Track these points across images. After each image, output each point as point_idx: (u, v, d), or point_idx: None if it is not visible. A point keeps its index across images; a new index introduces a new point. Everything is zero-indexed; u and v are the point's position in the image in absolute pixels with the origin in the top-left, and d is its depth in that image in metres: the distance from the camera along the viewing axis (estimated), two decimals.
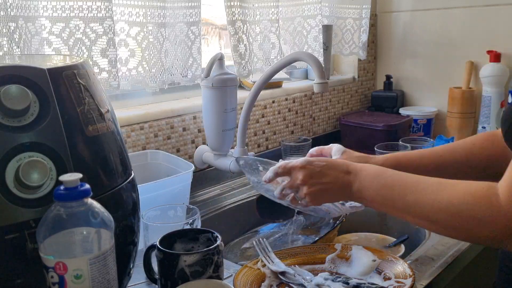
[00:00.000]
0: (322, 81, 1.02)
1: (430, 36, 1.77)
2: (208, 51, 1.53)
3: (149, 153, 1.15)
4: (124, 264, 0.72)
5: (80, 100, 0.65)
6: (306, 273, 0.85)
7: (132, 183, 0.74)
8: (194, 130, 1.29)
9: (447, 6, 1.71)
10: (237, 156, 0.98)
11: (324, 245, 0.93)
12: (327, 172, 0.81)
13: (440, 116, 1.76)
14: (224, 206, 1.23)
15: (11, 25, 0.87)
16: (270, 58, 1.39)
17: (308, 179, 0.81)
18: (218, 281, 0.73)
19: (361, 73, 1.88)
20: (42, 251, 0.55)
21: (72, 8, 0.96)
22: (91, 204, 0.57)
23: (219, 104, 1.19)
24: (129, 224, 0.72)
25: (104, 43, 1.00)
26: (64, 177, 0.55)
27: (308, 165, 0.82)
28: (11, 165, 0.57)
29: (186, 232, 0.81)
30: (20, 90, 0.58)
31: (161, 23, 1.12)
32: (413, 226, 1.10)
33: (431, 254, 0.93)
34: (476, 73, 1.67)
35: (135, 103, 1.26)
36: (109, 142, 0.69)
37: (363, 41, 1.76)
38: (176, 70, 1.18)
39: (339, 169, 0.81)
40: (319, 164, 0.82)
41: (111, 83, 1.03)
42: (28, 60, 0.76)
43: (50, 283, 0.56)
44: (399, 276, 0.80)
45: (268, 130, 1.51)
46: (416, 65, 1.83)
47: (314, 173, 0.81)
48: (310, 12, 1.53)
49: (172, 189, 1.01)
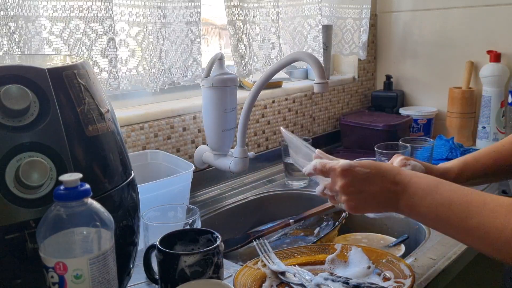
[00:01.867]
0: (322, 81, 1.02)
1: (430, 36, 1.77)
2: (208, 51, 1.53)
3: (149, 153, 1.15)
4: (124, 264, 0.72)
5: (80, 100, 0.65)
6: (306, 273, 0.85)
7: (132, 183, 0.74)
8: (194, 130, 1.29)
9: (447, 6, 1.71)
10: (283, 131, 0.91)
11: (324, 245, 0.93)
12: (371, 181, 0.71)
13: (440, 116, 1.76)
14: (224, 206, 1.23)
15: (11, 25, 0.87)
16: (270, 58, 1.40)
17: (347, 187, 0.72)
18: (218, 281, 0.73)
19: (361, 73, 1.88)
20: (42, 251, 0.55)
21: (72, 8, 0.96)
22: (91, 204, 0.57)
23: (219, 104, 1.19)
24: (129, 224, 0.72)
25: (104, 43, 1.01)
26: (64, 177, 0.55)
27: (349, 171, 0.72)
28: (11, 165, 0.57)
29: (186, 232, 0.81)
30: (20, 90, 0.58)
31: (161, 23, 1.12)
32: (414, 226, 1.10)
33: (431, 254, 0.93)
34: (476, 73, 1.67)
35: (135, 103, 1.26)
36: (109, 142, 0.69)
37: (363, 41, 1.76)
38: (176, 70, 1.18)
39: (385, 178, 0.71)
40: (361, 171, 0.71)
41: (111, 83, 1.03)
42: (28, 60, 0.76)
43: (50, 283, 0.56)
44: (398, 276, 0.80)
45: (268, 130, 1.51)
46: (416, 65, 1.83)
47: (356, 181, 0.71)
48: (310, 12, 1.53)
49: (172, 189, 1.01)
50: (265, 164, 1.48)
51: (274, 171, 1.46)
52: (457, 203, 0.65)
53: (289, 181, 1.34)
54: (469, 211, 0.64)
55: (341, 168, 0.72)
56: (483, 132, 1.63)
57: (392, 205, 0.71)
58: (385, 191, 0.71)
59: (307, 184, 1.33)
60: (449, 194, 0.67)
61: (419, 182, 0.70)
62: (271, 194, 1.31)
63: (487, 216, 0.62)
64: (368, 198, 0.72)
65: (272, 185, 1.36)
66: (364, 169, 0.72)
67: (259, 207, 1.28)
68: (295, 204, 1.30)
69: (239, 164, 1.20)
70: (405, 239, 1.04)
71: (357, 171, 0.71)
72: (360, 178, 0.71)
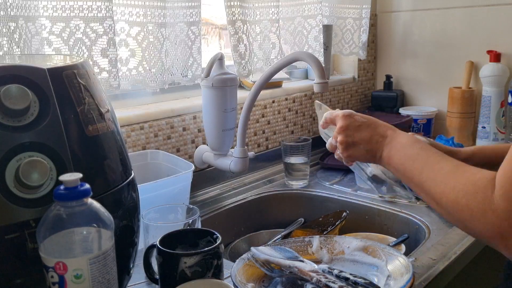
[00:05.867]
0: (322, 81, 1.02)
1: (430, 36, 1.77)
2: (208, 51, 1.53)
3: (149, 153, 1.15)
4: (124, 264, 0.72)
5: (80, 100, 0.65)
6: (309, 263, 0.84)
7: (132, 183, 0.74)
8: (194, 130, 1.29)
9: (447, 6, 1.71)
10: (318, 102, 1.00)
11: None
12: (364, 128, 0.82)
13: (440, 116, 1.76)
14: (224, 206, 1.23)
15: (11, 25, 0.87)
16: (270, 58, 1.40)
17: (344, 129, 0.83)
18: (218, 281, 0.73)
19: (361, 73, 1.88)
20: (42, 251, 0.55)
21: (72, 8, 0.96)
22: (91, 204, 0.57)
23: (219, 104, 1.19)
24: (129, 224, 0.72)
25: (104, 43, 1.01)
26: (64, 177, 0.55)
27: (349, 116, 0.83)
28: (11, 165, 0.57)
29: (186, 232, 0.81)
30: (20, 90, 0.58)
31: (161, 23, 1.12)
32: (414, 226, 1.10)
33: (431, 254, 0.93)
34: (476, 73, 1.67)
35: (135, 103, 1.26)
36: (109, 142, 0.69)
37: (363, 41, 1.76)
38: (176, 70, 1.18)
39: (377, 130, 0.81)
40: (359, 119, 0.83)
41: (111, 83, 1.03)
42: (28, 60, 0.76)
43: (50, 283, 0.56)
44: (397, 275, 0.80)
45: (268, 130, 1.51)
46: (416, 65, 1.83)
47: (352, 126, 0.83)
48: (310, 12, 1.53)
49: (172, 189, 1.01)
50: (265, 164, 1.48)
51: (274, 171, 1.46)
52: (421, 158, 0.73)
53: (289, 181, 1.34)
54: (426, 165, 0.71)
55: (343, 113, 0.84)
56: (483, 132, 1.63)
57: (375, 154, 0.81)
58: (373, 140, 0.81)
59: (307, 184, 1.33)
60: (418, 151, 0.74)
61: (401, 137, 0.79)
62: (271, 194, 1.31)
63: (435, 171, 0.69)
64: (358, 143, 0.82)
65: (272, 185, 1.36)
66: (362, 118, 0.83)
67: (259, 207, 1.28)
68: (295, 204, 1.30)
69: (239, 164, 1.20)
70: (405, 239, 1.04)
71: (355, 118, 0.83)
72: (356, 125, 0.83)
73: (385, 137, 0.80)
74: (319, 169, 1.48)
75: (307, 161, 1.32)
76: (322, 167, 1.48)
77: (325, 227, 1.10)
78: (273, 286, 0.84)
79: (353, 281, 0.75)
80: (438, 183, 0.67)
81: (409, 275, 0.77)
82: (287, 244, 0.93)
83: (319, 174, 1.42)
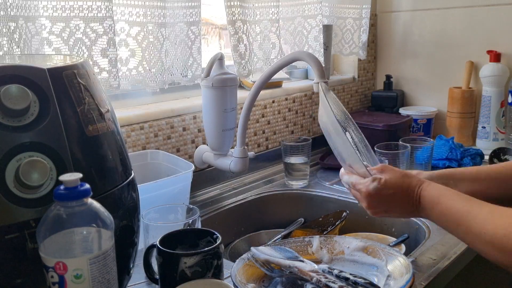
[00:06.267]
0: (322, 80, 1.02)
1: (430, 36, 1.77)
2: (208, 51, 1.53)
3: (149, 153, 1.15)
4: (124, 264, 0.72)
5: (80, 100, 0.65)
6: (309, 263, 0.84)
7: (132, 183, 0.74)
8: (194, 130, 1.29)
9: (447, 6, 1.71)
10: None
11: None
12: (395, 200, 0.81)
13: (440, 116, 1.76)
14: (224, 206, 1.23)
15: (11, 25, 0.87)
16: (270, 58, 1.39)
17: (373, 206, 0.83)
18: (218, 281, 0.73)
19: (361, 73, 1.88)
20: (42, 251, 0.55)
21: (72, 8, 0.96)
22: (91, 204, 0.57)
23: (219, 104, 1.19)
24: (129, 224, 0.72)
25: (104, 43, 1.00)
26: (64, 177, 0.55)
27: (375, 195, 0.81)
28: (11, 165, 0.57)
29: (186, 232, 0.81)
30: (20, 90, 0.58)
31: (161, 23, 1.12)
32: (414, 226, 1.10)
33: (431, 254, 0.93)
34: (476, 73, 1.67)
35: (135, 103, 1.26)
36: (109, 142, 0.69)
37: (363, 41, 1.76)
38: (176, 70, 1.18)
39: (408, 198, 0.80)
40: (387, 192, 0.80)
41: (111, 83, 1.03)
42: (28, 60, 0.76)
43: (50, 283, 0.56)
44: (397, 275, 0.80)
45: (268, 130, 1.51)
46: (416, 65, 1.83)
47: (381, 202, 0.82)
48: (310, 12, 1.53)
49: (172, 189, 1.01)
50: (265, 164, 1.48)
51: (274, 171, 1.46)
52: (451, 213, 0.73)
53: (289, 181, 1.34)
54: (459, 219, 0.72)
55: (367, 192, 0.81)
56: (483, 132, 1.63)
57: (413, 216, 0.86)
58: (405, 211, 0.82)
59: (307, 184, 1.33)
60: (446, 206, 0.75)
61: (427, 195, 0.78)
62: (271, 194, 1.31)
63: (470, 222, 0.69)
64: (391, 213, 0.83)
65: (272, 185, 1.36)
66: (389, 190, 0.80)
67: (259, 207, 1.28)
68: (295, 204, 1.30)
69: (239, 164, 1.20)
70: (405, 239, 1.04)
71: (383, 194, 0.81)
72: (384, 200, 0.81)
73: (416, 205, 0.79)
74: (319, 169, 1.48)
75: (307, 161, 1.32)
76: (322, 167, 1.48)
77: (325, 227, 1.10)
78: (273, 286, 0.84)
79: (353, 281, 0.75)
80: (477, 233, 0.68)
81: (409, 275, 0.77)
82: (287, 244, 0.93)
83: (319, 174, 1.42)
